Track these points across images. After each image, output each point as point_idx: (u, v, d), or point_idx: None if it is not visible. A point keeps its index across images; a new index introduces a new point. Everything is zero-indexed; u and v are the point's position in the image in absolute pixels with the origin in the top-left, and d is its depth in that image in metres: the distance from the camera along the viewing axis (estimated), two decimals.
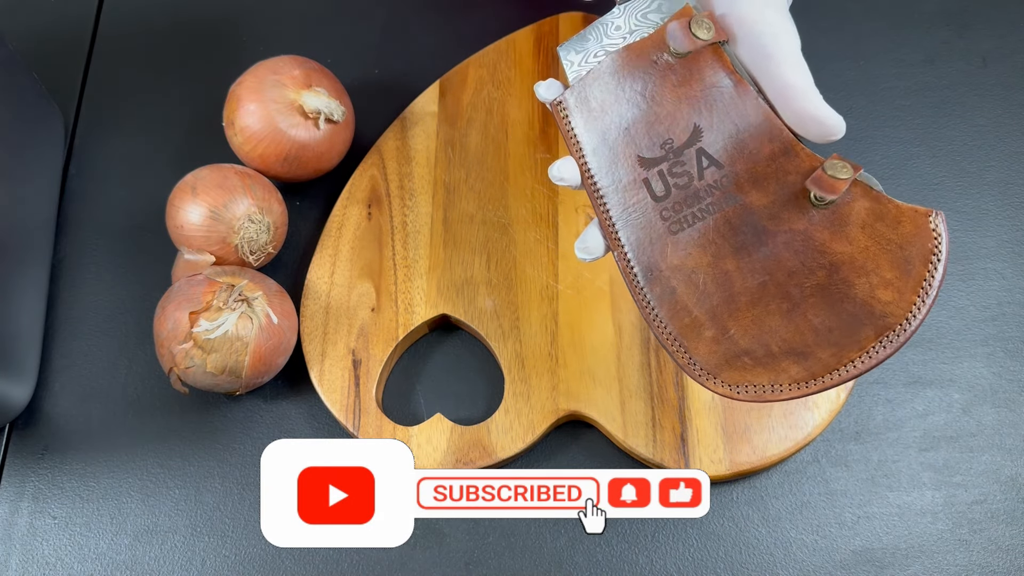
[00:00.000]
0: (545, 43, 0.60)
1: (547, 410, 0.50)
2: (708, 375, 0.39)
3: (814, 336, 0.38)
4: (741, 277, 0.40)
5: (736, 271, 0.40)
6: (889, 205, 0.38)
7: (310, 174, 0.56)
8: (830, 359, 0.37)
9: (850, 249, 0.38)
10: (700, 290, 0.40)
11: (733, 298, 0.40)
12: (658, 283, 0.41)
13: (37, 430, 0.53)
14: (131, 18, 0.65)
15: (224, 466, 0.52)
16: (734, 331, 0.39)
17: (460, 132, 0.58)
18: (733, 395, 0.38)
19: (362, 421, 0.50)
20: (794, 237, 0.39)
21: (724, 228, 0.40)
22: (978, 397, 0.52)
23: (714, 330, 0.40)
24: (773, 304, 0.39)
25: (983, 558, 0.49)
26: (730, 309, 0.40)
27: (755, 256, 0.40)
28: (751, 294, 0.39)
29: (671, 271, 0.41)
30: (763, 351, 0.39)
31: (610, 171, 0.42)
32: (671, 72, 0.42)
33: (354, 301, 0.53)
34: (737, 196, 0.40)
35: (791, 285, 0.39)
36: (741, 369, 0.39)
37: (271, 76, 0.53)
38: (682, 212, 0.41)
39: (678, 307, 0.40)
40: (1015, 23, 0.62)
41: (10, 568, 0.50)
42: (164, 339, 0.48)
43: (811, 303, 0.38)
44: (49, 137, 0.59)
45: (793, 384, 0.38)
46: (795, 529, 0.49)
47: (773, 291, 0.39)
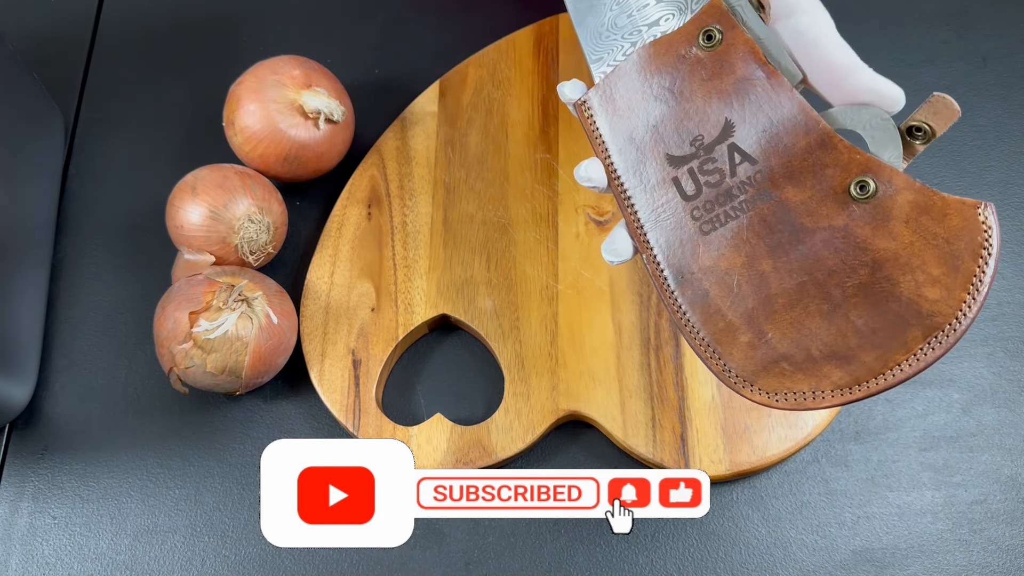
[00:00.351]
0: (545, 43, 0.60)
1: (547, 410, 0.50)
2: (744, 383, 0.37)
3: (857, 338, 0.36)
4: (778, 278, 0.38)
5: (772, 271, 0.38)
6: (934, 197, 0.35)
7: (310, 174, 0.56)
8: (875, 363, 0.35)
9: (894, 245, 0.36)
10: (734, 292, 0.38)
11: (770, 300, 0.38)
12: (689, 286, 0.39)
13: (37, 430, 0.53)
14: (131, 18, 0.65)
15: (224, 466, 0.52)
16: (772, 335, 0.37)
17: (460, 132, 0.58)
18: (772, 403, 0.37)
19: (362, 421, 0.50)
20: (834, 234, 0.37)
21: (759, 226, 0.38)
22: (978, 397, 0.52)
23: (750, 334, 0.38)
24: (813, 305, 0.37)
25: (983, 558, 0.49)
26: (767, 312, 0.38)
27: (792, 255, 0.38)
28: (789, 295, 0.37)
29: (703, 273, 0.39)
30: (803, 355, 0.37)
31: (637, 171, 0.41)
32: (700, 66, 0.40)
33: (354, 301, 0.53)
34: (772, 192, 0.38)
35: (831, 285, 0.37)
36: (780, 375, 0.37)
37: (271, 76, 0.53)
38: (714, 211, 0.39)
39: (711, 311, 0.39)
40: (1015, 23, 0.62)
41: (10, 568, 0.50)
42: (164, 339, 0.48)
43: (853, 303, 0.36)
44: (49, 137, 0.59)
45: (836, 390, 0.36)
46: (795, 529, 0.49)
47: (812, 291, 0.37)
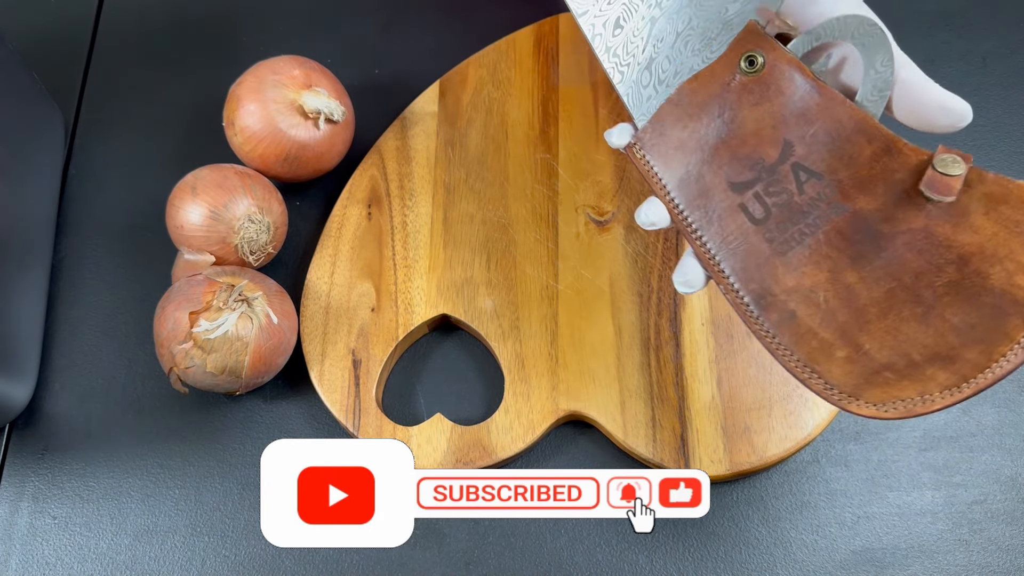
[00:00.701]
0: (545, 43, 0.60)
1: (547, 410, 0.50)
2: (849, 398, 0.36)
3: (957, 336, 0.35)
4: (865, 288, 0.37)
5: (859, 282, 0.37)
6: (1010, 186, 0.35)
7: (310, 174, 0.56)
8: (979, 358, 0.35)
9: (977, 238, 0.35)
10: (823, 309, 0.38)
11: (861, 311, 0.37)
12: (774, 309, 0.39)
13: (37, 430, 0.53)
14: (131, 18, 0.65)
15: (224, 466, 0.52)
16: (869, 346, 0.37)
17: (460, 132, 0.58)
18: (881, 415, 0.36)
19: (362, 421, 0.50)
20: (914, 236, 0.36)
21: (837, 240, 0.38)
22: (978, 397, 0.52)
23: (847, 349, 0.37)
24: (906, 310, 0.36)
25: (983, 558, 0.49)
26: (860, 323, 0.37)
27: (876, 263, 0.37)
28: (880, 304, 0.37)
29: (787, 294, 0.38)
30: (904, 362, 0.36)
31: (701, 204, 0.41)
32: (747, 92, 0.40)
33: (354, 301, 0.53)
34: (844, 205, 0.38)
35: (921, 287, 0.36)
36: (884, 385, 0.36)
37: (271, 76, 0.53)
38: (787, 231, 0.39)
39: (801, 331, 0.38)
40: (1015, 23, 0.62)
41: (10, 568, 0.50)
42: (164, 339, 0.48)
43: (946, 302, 0.35)
44: (49, 137, 0.59)
45: (944, 391, 0.35)
46: (795, 529, 0.49)
47: (903, 296, 0.36)
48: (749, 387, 0.50)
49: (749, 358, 0.51)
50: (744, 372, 0.51)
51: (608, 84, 0.58)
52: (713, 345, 0.52)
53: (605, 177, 0.56)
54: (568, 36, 0.60)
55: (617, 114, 0.57)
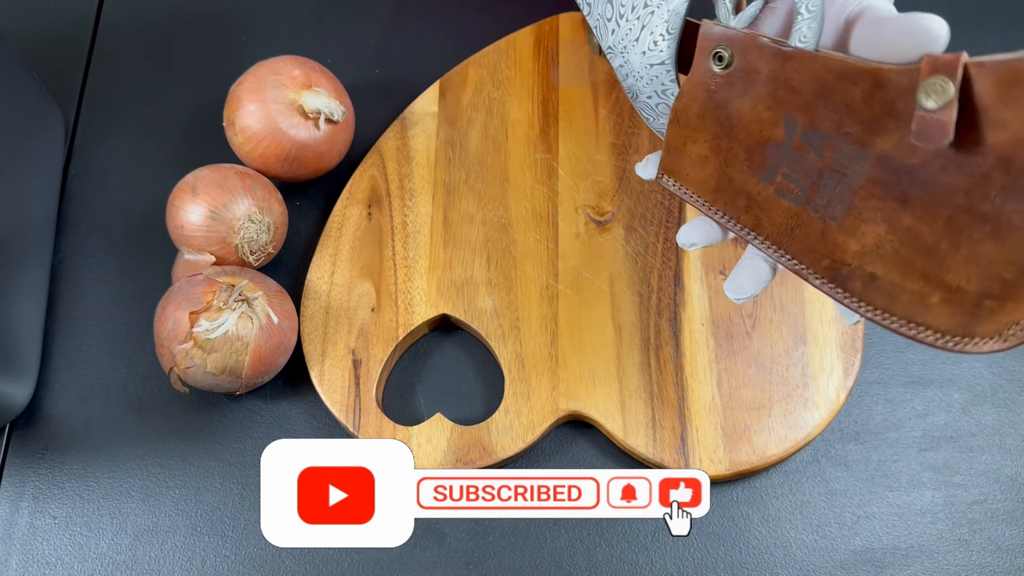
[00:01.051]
0: (545, 43, 0.60)
1: (547, 410, 0.50)
2: (963, 340, 0.35)
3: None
4: (926, 225, 0.35)
5: (917, 222, 0.35)
6: (1016, 64, 0.32)
7: (310, 174, 0.56)
8: None
9: (1009, 133, 0.33)
10: (896, 260, 0.36)
11: (932, 250, 0.35)
12: (854, 278, 0.38)
13: (37, 430, 0.53)
14: (131, 18, 0.65)
15: (224, 466, 0.52)
16: (957, 282, 0.34)
17: (460, 132, 0.58)
18: (1004, 346, 0.34)
19: (362, 421, 0.50)
20: (946, 157, 0.34)
21: (875, 189, 0.36)
22: (978, 397, 0.52)
23: (938, 292, 0.35)
24: (975, 232, 0.34)
25: (983, 558, 0.49)
26: (937, 262, 0.35)
27: (924, 198, 0.35)
28: (947, 236, 0.35)
29: (858, 259, 0.37)
30: (998, 285, 0.34)
31: (742, 204, 0.40)
32: (729, 87, 0.40)
33: (354, 301, 0.53)
34: (865, 152, 0.36)
35: (977, 204, 0.34)
36: (990, 316, 0.34)
37: (271, 76, 0.53)
38: (828, 198, 0.38)
39: (888, 290, 0.37)
40: (1015, 23, 0.62)
41: (10, 568, 0.50)
42: (164, 339, 0.48)
43: (1010, 210, 0.33)
44: (49, 137, 0.59)
45: None
46: (795, 529, 0.49)
47: (965, 220, 0.34)
48: (749, 387, 0.51)
49: (749, 358, 0.51)
50: (744, 372, 0.51)
51: (608, 84, 0.58)
52: (713, 345, 0.52)
53: (605, 177, 0.56)
54: (568, 36, 0.60)
55: (617, 114, 0.57)
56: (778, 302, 0.52)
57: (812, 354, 0.51)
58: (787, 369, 0.51)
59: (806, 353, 0.51)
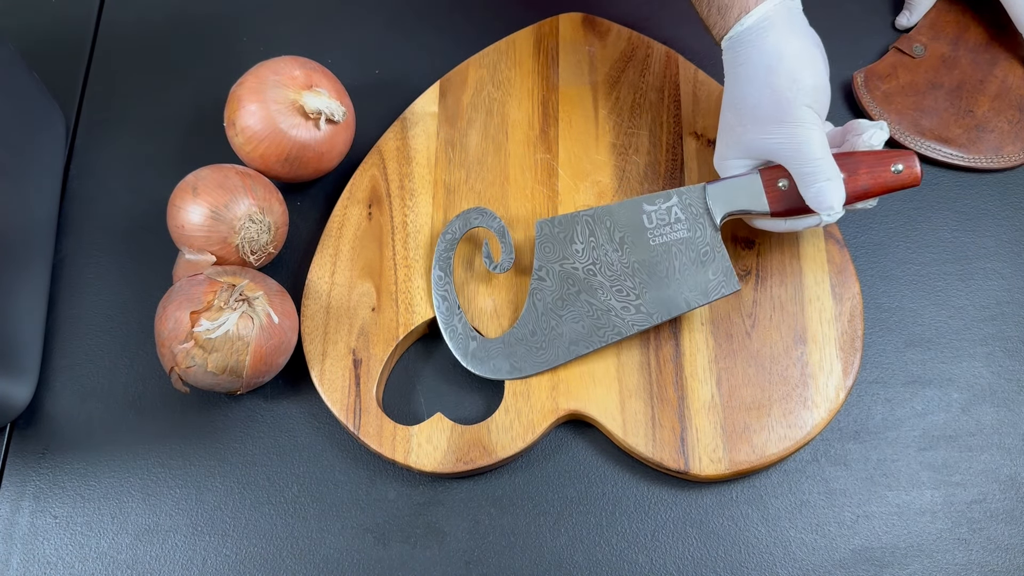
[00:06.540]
0: (545, 43, 0.60)
1: (547, 409, 0.50)
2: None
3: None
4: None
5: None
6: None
7: (311, 174, 0.56)
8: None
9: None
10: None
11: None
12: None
13: (38, 430, 0.53)
14: (132, 18, 0.65)
15: (225, 465, 0.52)
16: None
17: (460, 132, 0.58)
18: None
19: (362, 420, 0.50)
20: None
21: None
22: (977, 396, 0.52)
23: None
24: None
25: (982, 557, 0.49)
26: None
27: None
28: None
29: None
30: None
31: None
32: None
33: (355, 301, 0.53)
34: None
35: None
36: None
37: (272, 76, 0.53)
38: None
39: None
40: None
41: (11, 567, 0.50)
42: (165, 339, 0.49)
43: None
44: (50, 137, 0.59)
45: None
46: (794, 528, 0.50)
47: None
48: (748, 387, 0.51)
49: (748, 358, 0.51)
50: (743, 372, 0.51)
51: (608, 84, 0.58)
52: (713, 345, 0.52)
53: (605, 177, 0.56)
54: (568, 36, 0.60)
55: (617, 114, 0.57)
56: (778, 302, 0.52)
57: (811, 354, 0.51)
58: (786, 369, 0.51)
59: (805, 353, 0.51)
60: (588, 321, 0.50)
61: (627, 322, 0.50)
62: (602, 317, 0.50)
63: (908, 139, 0.58)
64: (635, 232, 0.51)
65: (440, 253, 0.53)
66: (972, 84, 0.59)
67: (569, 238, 0.51)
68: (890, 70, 0.60)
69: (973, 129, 0.58)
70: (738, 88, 0.49)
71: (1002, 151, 0.57)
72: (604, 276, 0.51)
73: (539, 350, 0.51)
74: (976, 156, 0.57)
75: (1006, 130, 0.58)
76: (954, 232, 0.56)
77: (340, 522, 0.50)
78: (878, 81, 0.59)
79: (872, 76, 0.60)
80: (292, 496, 0.51)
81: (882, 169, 0.48)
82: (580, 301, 0.51)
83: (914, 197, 0.57)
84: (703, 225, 0.50)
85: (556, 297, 0.51)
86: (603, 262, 0.51)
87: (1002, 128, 0.58)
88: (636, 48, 0.59)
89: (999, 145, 0.57)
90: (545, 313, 0.51)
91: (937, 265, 0.55)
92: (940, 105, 0.59)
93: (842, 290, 0.52)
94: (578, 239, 0.51)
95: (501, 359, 0.51)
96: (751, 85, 0.48)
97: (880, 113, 0.58)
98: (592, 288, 0.51)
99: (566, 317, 0.51)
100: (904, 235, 0.56)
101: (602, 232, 0.51)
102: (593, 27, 0.60)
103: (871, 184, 0.48)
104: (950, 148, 0.57)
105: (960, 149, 0.57)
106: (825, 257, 0.53)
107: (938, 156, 0.57)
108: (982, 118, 0.58)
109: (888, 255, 0.56)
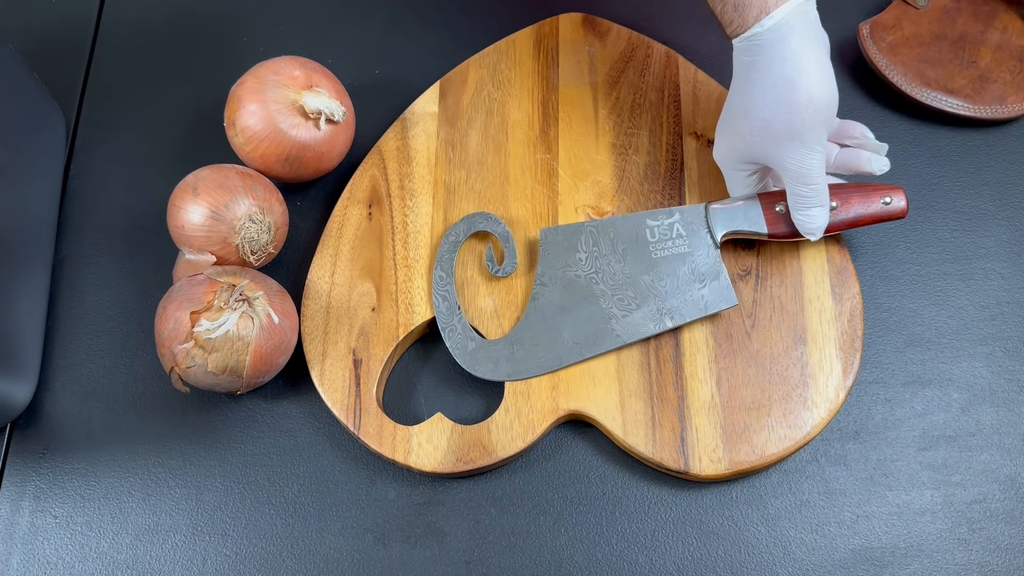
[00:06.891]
0: (545, 43, 0.60)
1: (547, 409, 0.50)
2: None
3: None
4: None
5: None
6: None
7: (311, 174, 0.56)
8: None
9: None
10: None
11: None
12: None
13: (38, 430, 0.53)
14: (132, 18, 0.65)
15: (225, 465, 0.52)
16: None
17: (460, 132, 0.58)
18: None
19: (362, 420, 0.50)
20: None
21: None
22: (977, 397, 0.52)
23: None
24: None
25: (982, 557, 0.49)
26: None
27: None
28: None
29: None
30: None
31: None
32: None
33: (355, 301, 0.53)
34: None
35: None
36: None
37: (272, 76, 0.53)
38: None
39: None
40: None
41: (11, 567, 0.50)
42: (165, 339, 0.49)
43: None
44: (50, 137, 0.59)
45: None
46: (794, 528, 0.50)
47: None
48: (748, 387, 0.51)
49: (748, 358, 0.51)
50: (743, 372, 0.51)
51: (608, 84, 0.58)
52: (712, 345, 0.52)
53: (605, 177, 0.56)
54: (568, 36, 0.60)
55: (617, 114, 0.58)
56: (778, 302, 0.52)
57: (811, 354, 0.51)
58: (786, 369, 0.51)
59: (805, 353, 0.51)
60: (589, 327, 0.51)
61: (628, 330, 0.51)
62: (603, 324, 0.51)
63: (914, 90, 0.58)
64: (637, 245, 0.52)
65: (442, 255, 0.53)
66: (974, 35, 0.60)
67: (573, 247, 0.53)
68: (895, 21, 0.60)
69: (977, 80, 0.58)
70: (751, 94, 0.48)
71: (1005, 101, 0.58)
72: (606, 284, 0.52)
73: (539, 353, 0.51)
74: (981, 106, 0.58)
75: (1008, 80, 0.58)
76: (954, 232, 0.56)
77: (340, 522, 0.50)
78: (883, 32, 0.60)
79: (877, 27, 0.60)
80: (292, 496, 0.51)
81: (873, 201, 0.51)
82: (581, 308, 0.51)
83: (914, 196, 0.57)
84: (704, 242, 0.52)
85: (558, 303, 0.51)
86: (605, 271, 0.52)
87: (1004, 78, 0.58)
88: (636, 48, 0.59)
89: (1003, 95, 0.58)
90: (546, 318, 0.51)
91: (937, 265, 0.55)
92: (944, 56, 0.59)
93: (842, 290, 0.52)
94: (582, 248, 0.53)
95: (500, 361, 0.51)
96: (767, 96, 0.47)
97: (886, 64, 0.59)
98: (594, 296, 0.51)
99: (567, 322, 0.51)
100: (904, 235, 0.56)
101: (605, 243, 0.52)
102: (593, 27, 0.60)
103: (863, 213, 0.51)
104: (955, 99, 0.58)
105: (965, 100, 0.58)
106: (825, 257, 0.53)
107: (944, 107, 0.58)
108: (985, 69, 0.59)
109: (888, 255, 0.56)
